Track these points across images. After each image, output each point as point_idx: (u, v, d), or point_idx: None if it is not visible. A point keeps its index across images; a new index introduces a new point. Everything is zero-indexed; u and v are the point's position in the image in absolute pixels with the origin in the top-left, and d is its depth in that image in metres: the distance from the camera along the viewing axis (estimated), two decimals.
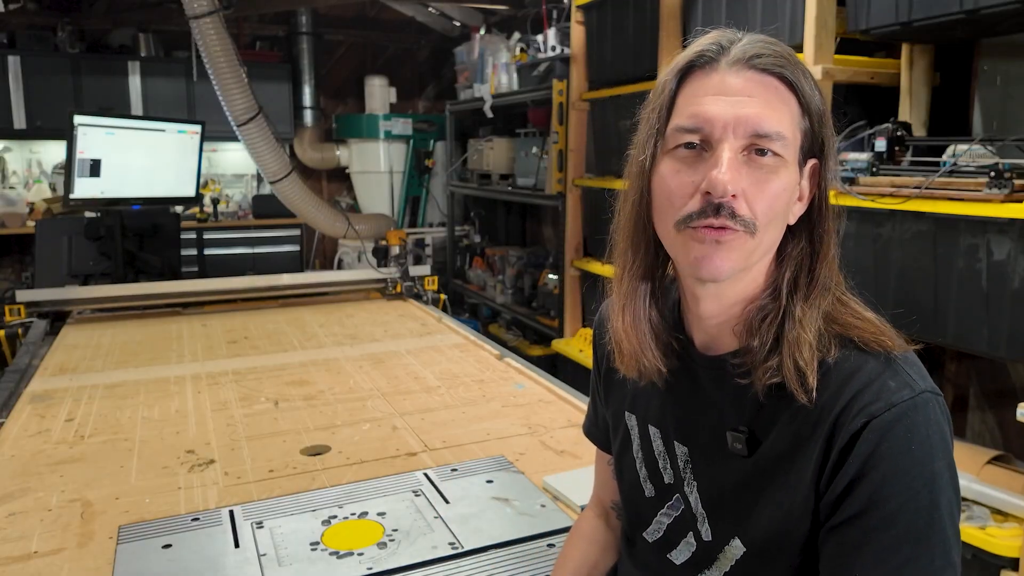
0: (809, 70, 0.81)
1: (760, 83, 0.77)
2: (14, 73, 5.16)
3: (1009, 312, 1.87)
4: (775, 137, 0.76)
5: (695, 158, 0.78)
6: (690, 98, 0.79)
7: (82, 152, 3.25)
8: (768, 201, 0.77)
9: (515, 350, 3.91)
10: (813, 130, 0.80)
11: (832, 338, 0.79)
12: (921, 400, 0.74)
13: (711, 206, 0.76)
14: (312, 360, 2.46)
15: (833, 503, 0.75)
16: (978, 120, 2.42)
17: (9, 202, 5.51)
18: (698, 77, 0.80)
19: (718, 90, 0.78)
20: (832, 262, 0.83)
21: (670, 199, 0.80)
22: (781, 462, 0.79)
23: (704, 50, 0.80)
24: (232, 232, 5.79)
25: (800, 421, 0.78)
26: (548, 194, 4.27)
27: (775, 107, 0.77)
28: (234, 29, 4.81)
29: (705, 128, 0.77)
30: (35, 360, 2.51)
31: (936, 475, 0.72)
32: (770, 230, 0.79)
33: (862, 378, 0.76)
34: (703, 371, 0.88)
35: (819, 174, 0.82)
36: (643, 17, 3.34)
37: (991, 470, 2.01)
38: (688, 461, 0.90)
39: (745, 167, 0.77)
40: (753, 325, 0.81)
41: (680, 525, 0.92)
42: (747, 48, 0.78)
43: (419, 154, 6.16)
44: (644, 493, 0.96)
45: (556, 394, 2.08)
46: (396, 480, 1.53)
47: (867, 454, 0.73)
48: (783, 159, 0.77)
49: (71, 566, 1.23)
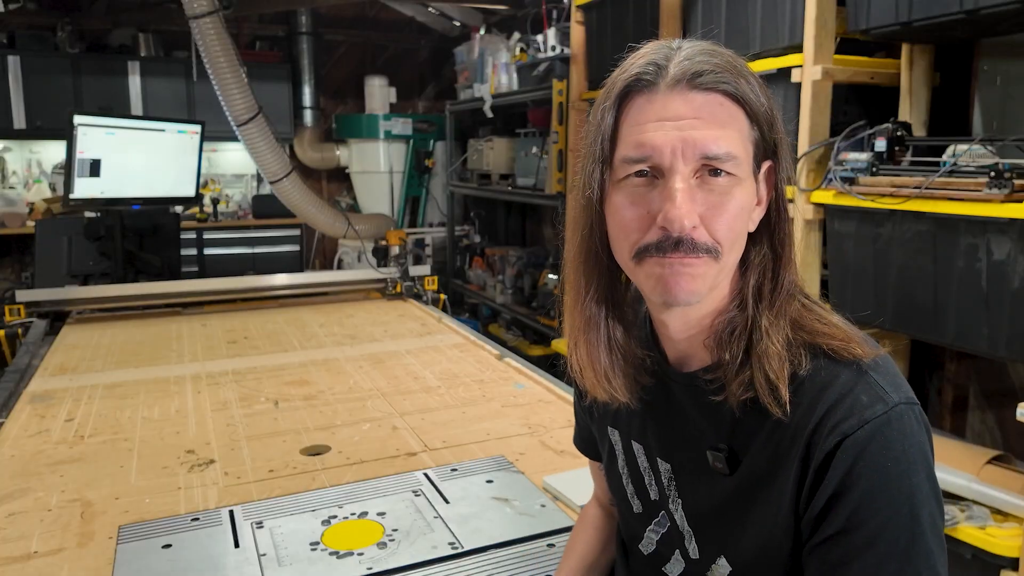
0: (751, 71, 0.78)
1: (704, 103, 0.74)
2: (14, 73, 5.15)
3: (1009, 312, 1.87)
4: (725, 158, 0.74)
5: (647, 186, 0.76)
6: (633, 126, 0.76)
7: (82, 152, 3.25)
8: (728, 223, 0.75)
9: (515, 350, 3.91)
10: (764, 137, 0.78)
11: (802, 347, 0.77)
12: (895, 414, 0.72)
13: (670, 241, 0.74)
14: (312, 360, 2.46)
15: (813, 521, 0.74)
16: (978, 120, 2.42)
17: (9, 202, 5.51)
18: (638, 103, 0.76)
19: (661, 115, 0.75)
20: (793, 264, 0.81)
21: (626, 232, 0.78)
22: (762, 480, 0.79)
23: (641, 73, 0.76)
24: (232, 232, 5.79)
25: (777, 437, 0.77)
26: (548, 194, 4.27)
27: (723, 125, 0.75)
28: (234, 29, 4.81)
29: (653, 156, 0.74)
30: (35, 360, 2.51)
31: (915, 489, 0.71)
32: (733, 250, 0.78)
33: (834, 393, 0.74)
34: (678, 388, 0.87)
35: (775, 175, 0.80)
36: (643, 17, 3.34)
37: (991, 470, 2.01)
38: (672, 479, 0.89)
39: (699, 192, 0.75)
40: (723, 339, 0.80)
41: (669, 541, 0.91)
42: (686, 66, 0.75)
43: (419, 154, 6.16)
44: (632, 509, 0.96)
45: (556, 394, 2.08)
46: (396, 480, 1.53)
47: (843, 474, 0.72)
48: (737, 177, 0.76)
49: (71, 566, 1.23)
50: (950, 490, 2.00)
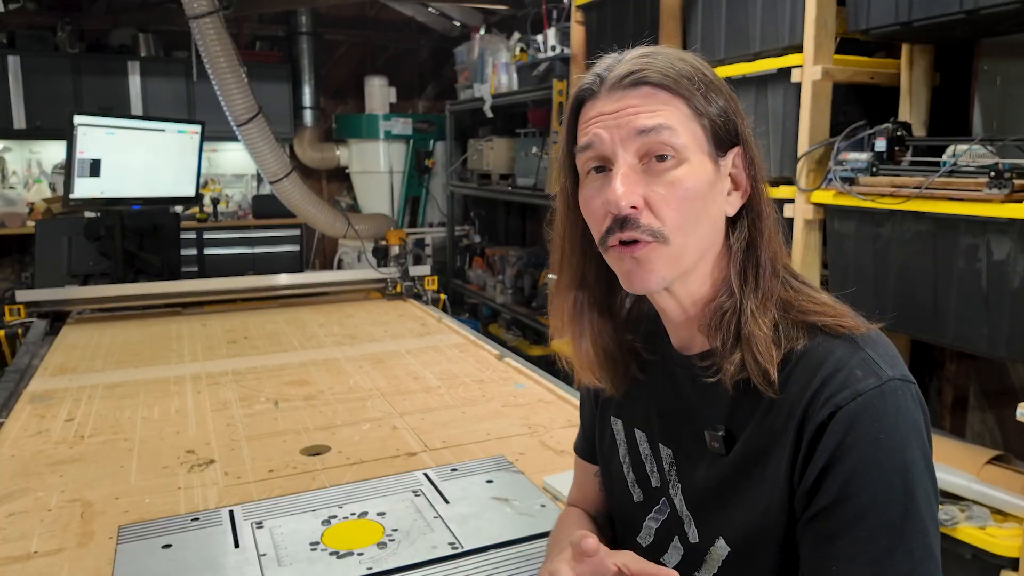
0: (698, 61, 0.83)
1: (637, 95, 0.80)
2: (14, 73, 5.16)
3: (1009, 312, 1.87)
4: (660, 129, 0.78)
5: (604, 181, 0.81)
6: (583, 125, 0.84)
7: (82, 152, 3.25)
8: (677, 204, 0.79)
9: (515, 350, 3.90)
10: (715, 121, 0.81)
11: (795, 326, 0.79)
12: (888, 388, 0.73)
13: (616, 221, 0.79)
14: (312, 360, 2.46)
15: (806, 495, 0.75)
16: (978, 120, 2.42)
17: (9, 202, 5.51)
18: (587, 108, 0.84)
19: (601, 112, 0.82)
20: (773, 245, 0.83)
21: (594, 222, 0.84)
22: (758, 458, 0.79)
23: (588, 84, 0.84)
24: (232, 232, 5.79)
25: (773, 415, 0.78)
26: (548, 194, 4.27)
27: (653, 107, 0.79)
28: (234, 29, 4.81)
29: (596, 144, 0.81)
30: (35, 360, 2.51)
31: (909, 463, 0.71)
32: (691, 233, 0.80)
33: (829, 366, 0.75)
34: (679, 370, 0.89)
35: (744, 159, 0.83)
36: (643, 17, 3.34)
37: (991, 470, 2.01)
38: (673, 463, 0.90)
39: (645, 176, 0.79)
40: (713, 324, 0.83)
41: (668, 529, 0.92)
42: (621, 70, 0.81)
43: (419, 154, 6.16)
44: (632, 498, 0.96)
45: (556, 394, 2.08)
46: (396, 480, 1.53)
47: (835, 445, 0.72)
48: (682, 157, 0.79)
49: (71, 566, 1.23)
50: (950, 490, 2.00)
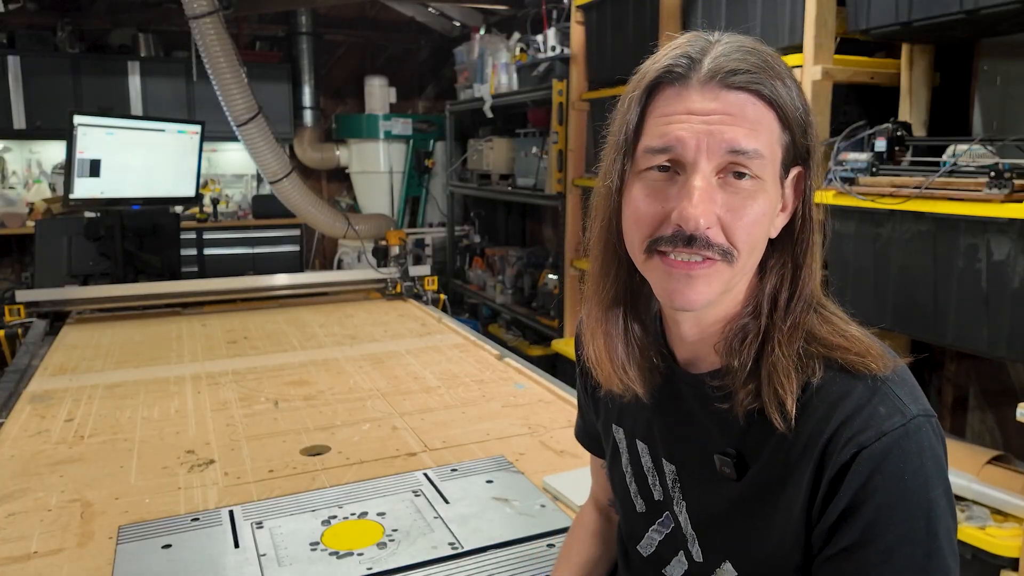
0: (790, 73, 0.76)
1: (735, 102, 0.72)
2: (14, 73, 5.15)
3: (1009, 312, 1.87)
4: (752, 155, 0.72)
5: (667, 181, 0.74)
6: (660, 118, 0.74)
7: (82, 152, 3.25)
8: (747, 228, 0.73)
9: (515, 350, 3.91)
10: (795, 141, 0.75)
11: (815, 360, 0.75)
12: (913, 426, 0.71)
13: (682, 236, 0.72)
14: (312, 360, 2.46)
15: (826, 533, 0.73)
16: (978, 120, 2.42)
17: (9, 202, 5.51)
18: (668, 95, 0.74)
19: (689, 109, 0.73)
20: (814, 275, 0.78)
21: (639, 224, 0.76)
22: (771, 489, 0.77)
23: (673, 64, 0.74)
24: (232, 232, 5.78)
25: (788, 446, 0.75)
26: (548, 194, 4.27)
27: (751, 125, 0.72)
28: (234, 29, 4.82)
29: (676, 148, 0.72)
30: (35, 360, 2.51)
31: (933, 504, 0.70)
32: (751, 255, 0.76)
33: (850, 404, 0.72)
34: (686, 388, 0.85)
35: (803, 182, 0.78)
36: (643, 17, 3.34)
37: (991, 470, 2.01)
38: (676, 480, 0.88)
39: (721, 193, 0.73)
40: (733, 345, 0.78)
41: (671, 543, 0.90)
42: (720, 63, 0.72)
43: (419, 154, 6.16)
44: (635, 508, 0.95)
45: (556, 394, 2.08)
46: (396, 480, 1.53)
47: (859, 486, 0.70)
48: (762, 180, 0.73)
49: (71, 566, 1.23)
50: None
